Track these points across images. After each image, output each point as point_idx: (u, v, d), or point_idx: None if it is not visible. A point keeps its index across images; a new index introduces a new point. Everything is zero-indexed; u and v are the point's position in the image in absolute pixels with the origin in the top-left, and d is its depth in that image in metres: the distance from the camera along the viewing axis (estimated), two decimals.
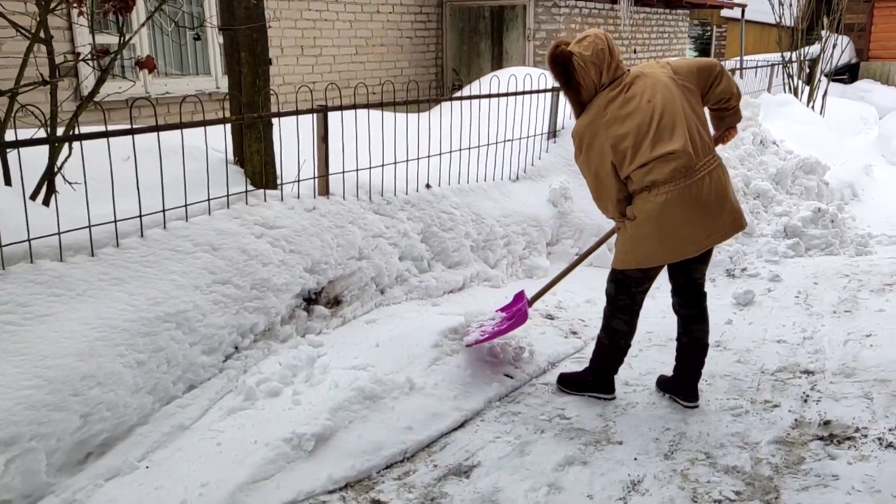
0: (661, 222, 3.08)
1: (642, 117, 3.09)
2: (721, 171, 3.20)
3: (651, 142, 3.06)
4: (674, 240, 3.11)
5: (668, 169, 3.04)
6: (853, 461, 2.94)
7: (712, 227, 3.14)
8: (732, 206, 3.20)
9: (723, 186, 3.17)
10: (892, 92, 14.60)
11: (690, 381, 3.48)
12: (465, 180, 5.41)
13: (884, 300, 4.72)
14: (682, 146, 3.05)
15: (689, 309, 3.43)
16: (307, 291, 4.07)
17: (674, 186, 3.05)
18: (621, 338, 3.45)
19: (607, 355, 3.51)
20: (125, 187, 3.51)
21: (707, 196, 3.09)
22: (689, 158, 3.06)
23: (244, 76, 4.16)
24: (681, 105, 3.14)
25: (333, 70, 8.42)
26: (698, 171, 3.09)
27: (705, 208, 3.10)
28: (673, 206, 3.06)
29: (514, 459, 3.06)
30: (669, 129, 3.07)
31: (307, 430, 3.01)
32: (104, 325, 3.02)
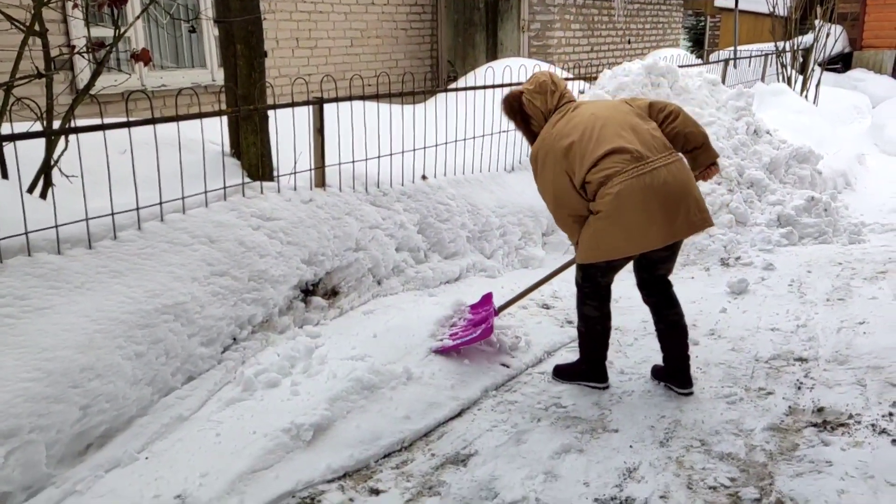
0: (621, 211, 3.12)
1: (585, 126, 3.24)
2: (682, 167, 3.25)
3: (596, 143, 3.18)
4: (636, 230, 3.14)
5: (619, 160, 3.13)
6: (847, 447, 2.97)
7: (675, 218, 3.16)
8: (698, 200, 3.24)
9: (684, 180, 3.21)
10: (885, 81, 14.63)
11: (681, 367, 3.52)
12: (461, 171, 5.43)
13: (877, 288, 4.75)
14: (627, 141, 3.17)
15: (655, 296, 3.51)
16: (305, 283, 4.09)
17: (627, 176, 3.11)
18: (596, 323, 3.50)
19: (589, 342, 3.56)
20: (122, 180, 3.52)
21: (664, 184, 3.13)
22: (637, 152, 3.15)
23: (240, 68, 4.16)
24: (625, 116, 3.28)
25: (329, 62, 8.40)
26: (653, 162, 3.16)
27: (664, 197, 3.13)
28: (629, 194, 3.11)
29: (510, 448, 3.08)
30: (612, 131, 3.20)
31: (306, 420, 3.04)
32: (103, 318, 3.04)
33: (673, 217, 3.15)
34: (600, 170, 3.14)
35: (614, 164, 3.13)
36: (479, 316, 4.00)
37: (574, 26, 9.87)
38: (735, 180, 6.13)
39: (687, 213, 3.18)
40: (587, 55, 10.12)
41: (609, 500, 2.73)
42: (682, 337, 3.50)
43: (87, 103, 3.75)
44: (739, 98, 7.06)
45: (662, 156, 3.19)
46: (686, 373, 3.52)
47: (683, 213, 3.17)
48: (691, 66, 8.44)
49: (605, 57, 10.71)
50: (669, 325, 3.49)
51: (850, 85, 14.01)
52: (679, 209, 3.16)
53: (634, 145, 3.16)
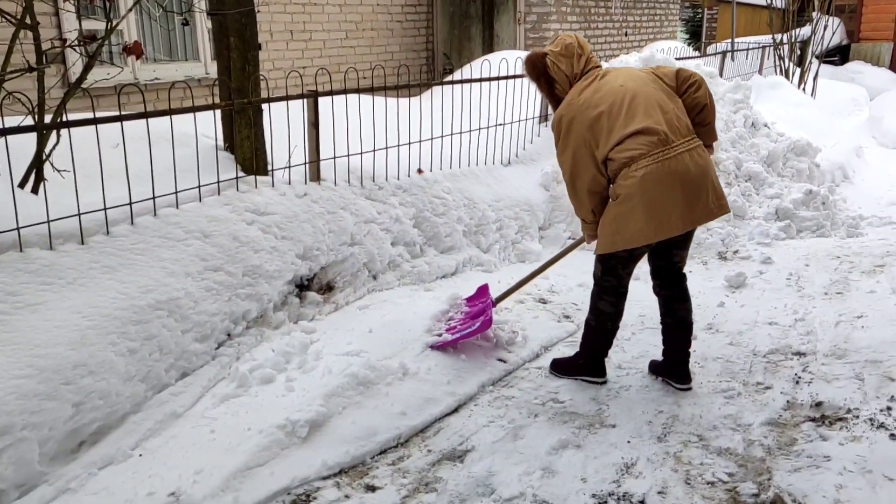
0: (644, 196, 3.08)
1: (615, 98, 3.16)
2: (702, 152, 3.21)
3: (624, 119, 3.11)
4: (658, 215, 3.10)
5: (645, 142, 3.07)
6: (845, 442, 2.96)
7: (696, 204, 3.13)
8: (716, 188, 3.22)
9: (704, 166, 3.18)
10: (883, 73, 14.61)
11: (681, 362, 3.50)
12: (457, 165, 5.39)
13: (874, 281, 4.74)
14: (655, 122, 3.10)
15: (670, 289, 3.46)
16: (299, 278, 4.06)
17: (652, 160, 3.07)
18: (608, 320, 3.45)
19: (595, 338, 3.52)
20: (114, 175, 3.48)
21: (687, 170, 3.10)
22: (664, 134, 3.10)
23: (233, 61, 4.12)
24: (654, 92, 3.20)
25: (323, 55, 8.35)
26: (677, 147, 3.11)
27: (687, 182, 3.10)
28: (653, 178, 3.07)
29: (507, 444, 3.06)
30: (643, 108, 3.13)
31: (301, 416, 3.01)
32: (95, 314, 3.01)
33: (694, 203, 3.13)
34: (625, 149, 3.09)
35: (640, 145, 3.07)
36: (477, 308, 3.97)
37: (571, 18, 9.83)
38: (733, 173, 6.11)
39: (707, 199, 3.16)
40: None
41: (607, 495, 2.71)
42: (687, 333, 3.48)
43: (79, 97, 3.71)
44: (737, 91, 7.04)
45: (686, 140, 3.15)
46: (685, 368, 3.50)
47: (703, 200, 3.15)
48: (689, 58, 8.41)
49: (602, 49, 10.68)
50: (678, 321, 3.46)
51: (847, 77, 13.99)
52: (700, 195, 3.14)
53: (662, 126, 3.10)
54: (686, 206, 3.11)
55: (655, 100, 3.17)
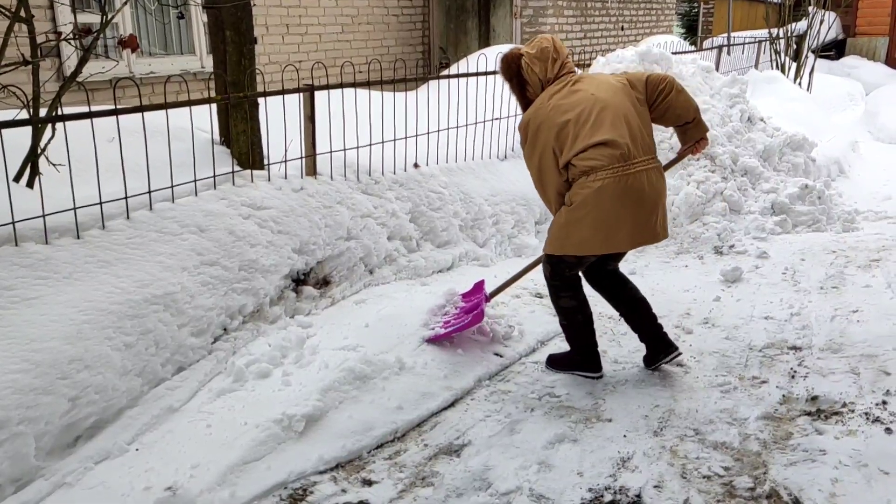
0: (596, 208, 3.11)
1: (584, 106, 3.17)
2: (659, 175, 3.25)
3: (590, 129, 3.12)
4: (607, 229, 3.13)
5: (606, 154, 3.10)
6: (840, 436, 2.97)
7: (644, 225, 3.18)
8: (664, 212, 3.27)
9: (659, 188, 3.22)
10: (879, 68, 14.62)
11: (656, 338, 3.53)
12: (454, 159, 5.39)
13: (870, 276, 4.75)
14: (620, 135, 3.12)
15: (606, 284, 3.57)
16: (296, 272, 4.05)
17: (611, 173, 3.09)
18: (576, 313, 3.47)
19: (575, 334, 3.53)
20: (110, 169, 3.47)
21: (642, 190, 3.14)
22: (627, 148, 3.12)
23: (229, 55, 4.11)
24: (623, 105, 3.21)
25: (319, 49, 8.33)
26: (637, 164, 3.13)
27: (640, 202, 3.14)
28: (609, 193, 3.10)
29: (504, 438, 3.07)
30: (609, 120, 3.14)
31: (297, 411, 3.01)
32: (91, 308, 3.00)
33: (643, 224, 3.18)
34: (587, 158, 3.11)
35: (601, 156, 3.10)
36: (471, 303, 3.97)
37: (567, 13, 9.81)
38: (729, 168, 6.12)
39: (655, 222, 3.21)
40: (580, 42, 10.07)
41: (603, 489, 2.72)
42: (645, 309, 3.51)
43: (74, 91, 3.70)
44: (733, 85, 7.04)
45: (646, 158, 3.19)
46: (664, 338, 3.52)
47: (652, 222, 3.20)
48: (685, 52, 8.40)
49: (599, 44, 10.66)
50: (629, 304, 3.51)
51: (843, 72, 14.00)
52: (650, 217, 3.19)
53: (625, 140, 3.12)
54: (634, 225, 3.16)
55: (623, 113, 3.18)
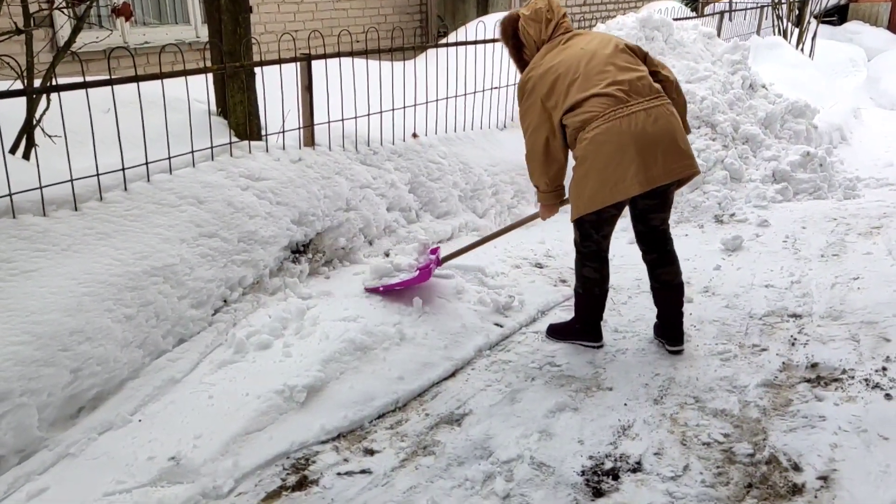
0: (596, 158, 3.05)
1: (573, 61, 3.14)
2: (664, 111, 3.11)
3: (581, 82, 3.09)
4: (612, 176, 3.04)
5: (599, 104, 3.05)
6: (840, 402, 2.98)
7: (652, 164, 3.04)
8: (678, 146, 3.11)
9: (665, 125, 3.08)
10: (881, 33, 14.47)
11: (672, 325, 3.49)
12: (452, 129, 5.34)
13: (871, 243, 4.74)
14: (611, 82, 3.06)
15: (652, 253, 3.45)
16: (295, 243, 4.04)
17: (604, 120, 3.03)
18: (594, 286, 3.44)
19: (586, 304, 3.51)
20: (106, 140, 3.44)
21: (642, 129, 3.02)
22: (621, 94, 3.05)
23: (224, 24, 4.05)
24: (615, 54, 3.16)
25: (315, 17, 8.22)
26: (632, 105, 3.05)
27: (641, 140, 3.02)
28: (603, 139, 3.03)
29: (505, 407, 3.08)
30: (598, 70, 3.10)
31: (299, 381, 3.02)
32: (91, 280, 2.99)
33: (651, 163, 3.04)
34: (581, 112, 3.07)
35: (594, 107, 3.05)
36: (423, 264, 3.91)
37: None
38: (730, 136, 6.07)
39: (666, 159, 3.06)
40: (580, 9, 9.94)
41: (604, 457, 2.73)
42: (675, 296, 3.46)
43: (69, 61, 3.65)
44: (735, 52, 6.96)
45: (645, 99, 3.08)
46: (677, 331, 3.49)
47: (662, 159, 3.05)
48: (686, 18, 8.30)
49: (599, 10, 10.53)
50: (663, 285, 3.45)
51: (845, 38, 13.85)
52: (657, 155, 3.04)
53: (618, 86, 3.05)
54: (641, 166, 3.02)
55: (613, 62, 3.12)
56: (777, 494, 2.51)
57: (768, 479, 2.59)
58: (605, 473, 2.65)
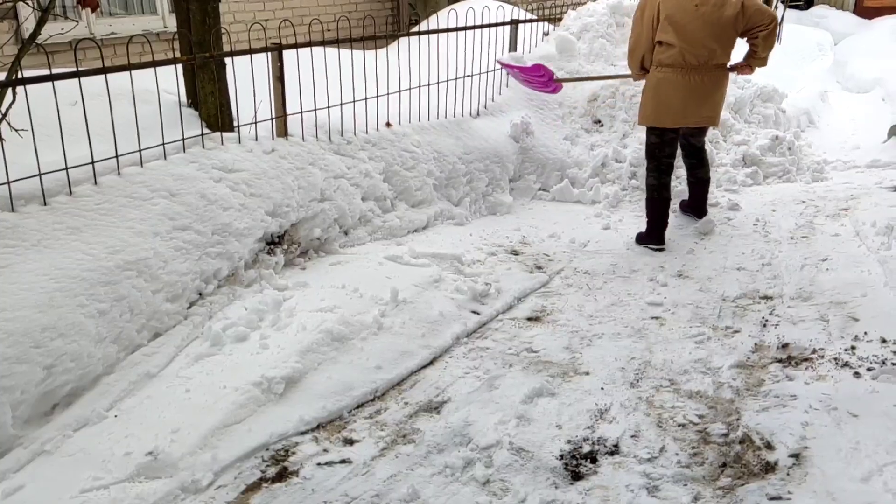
0: (656, 92, 4.51)
1: (683, 14, 4.33)
2: (714, 77, 4.46)
3: (675, 31, 4.35)
4: (660, 108, 4.49)
5: (674, 55, 4.39)
6: (810, 381, 3.05)
7: (688, 111, 4.47)
8: (713, 105, 4.52)
9: (710, 87, 4.46)
10: (847, 17, 14.63)
11: (700, 205, 5.02)
12: (426, 118, 5.33)
13: (839, 225, 4.83)
14: (685, 44, 4.34)
15: (692, 158, 4.92)
16: (270, 235, 4.02)
17: (670, 70, 4.44)
18: (654, 191, 4.65)
19: (651, 208, 4.66)
20: (75, 133, 3.39)
21: (692, 84, 4.42)
22: (687, 55, 4.36)
23: (193, 14, 3.99)
24: (715, 25, 4.31)
25: (286, 6, 8.13)
26: (693, 67, 4.39)
27: (689, 92, 4.42)
28: (666, 83, 4.47)
29: (483, 394, 3.10)
30: (690, 31, 4.33)
31: (276, 373, 3.01)
32: (62, 276, 2.95)
33: (689, 110, 4.47)
34: (662, 51, 4.43)
35: (670, 56, 4.40)
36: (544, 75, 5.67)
37: None
38: None
39: (700, 111, 4.49)
40: None
41: (581, 440, 2.77)
42: (705, 186, 5.00)
43: (34, 53, 3.58)
44: None
45: (706, 65, 4.40)
46: (703, 208, 5.00)
47: (697, 110, 4.48)
48: None
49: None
50: (697, 179, 4.96)
51: (812, 22, 13.99)
52: (695, 106, 4.46)
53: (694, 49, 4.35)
54: (681, 109, 4.46)
55: (707, 31, 4.32)
56: (750, 473, 2.56)
57: (742, 457, 2.64)
58: (583, 457, 2.69)
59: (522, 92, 6.08)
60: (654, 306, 3.87)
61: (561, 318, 3.78)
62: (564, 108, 6.12)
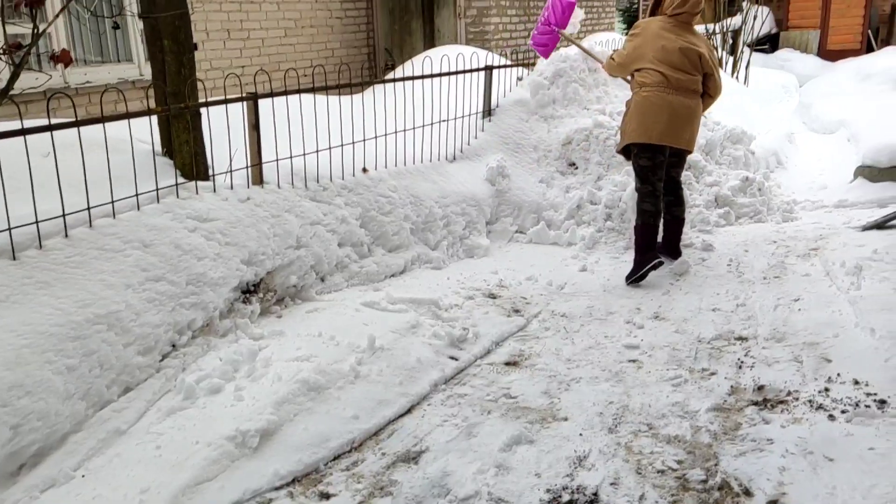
0: (640, 110, 4.76)
1: (667, 46, 4.73)
2: (693, 103, 4.79)
3: (656, 59, 4.74)
4: (644, 126, 4.73)
5: (658, 80, 4.72)
6: (786, 424, 3.05)
7: (670, 130, 4.71)
8: (691, 130, 4.82)
9: (691, 110, 4.77)
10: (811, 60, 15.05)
11: (675, 246, 5.07)
12: (402, 162, 5.37)
13: (809, 265, 4.89)
14: (666, 71, 4.71)
15: (669, 195, 5.00)
16: (245, 284, 3.99)
17: (654, 90, 4.72)
18: (649, 217, 4.80)
19: (643, 232, 4.79)
20: (46, 184, 3.36)
21: (675, 106, 4.70)
22: (674, 81, 4.70)
23: (168, 64, 4.01)
24: (689, 61, 4.73)
25: (262, 53, 8.21)
26: (674, 92, 4.70)
27: (673, 113, 4.70)
28: (651, 102, 4.72)
29: (461, 442, 3.07)
30: (670, 62, 4.72)
31: (251, 426, 2.96)
32: (30, 332, 2.90)
33: (671, 130, 4.71)
34: (647, 75, 4.76)
35: (655, 81, 4.72)
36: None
37: (510, 12, 9.87)
38: None
39: (681, 133, 4.76)
40: (524, 40, 10.13)
41: (561, 489, 2.74)
42: (680, 225, 5.10)
43: (6, 103, 3.56)
44: None
45: (685, 91, 4.74)
46: (677, 248, 5.06)
47: (679, 132, 4.74)
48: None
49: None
50: (673, 217, 5.04)
51: (777, 65, 14.36)
52: (677, 126, 4.73)
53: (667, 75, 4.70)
54: (666, 127, 4.71)
55: (683, 68, 4.72)
56: None
57: None
58: None
59: (498, 136, 6.15)
60: (631, 349, 3.88)
61: (539, 362, 3.78)
62: (539, 152, 6.20)
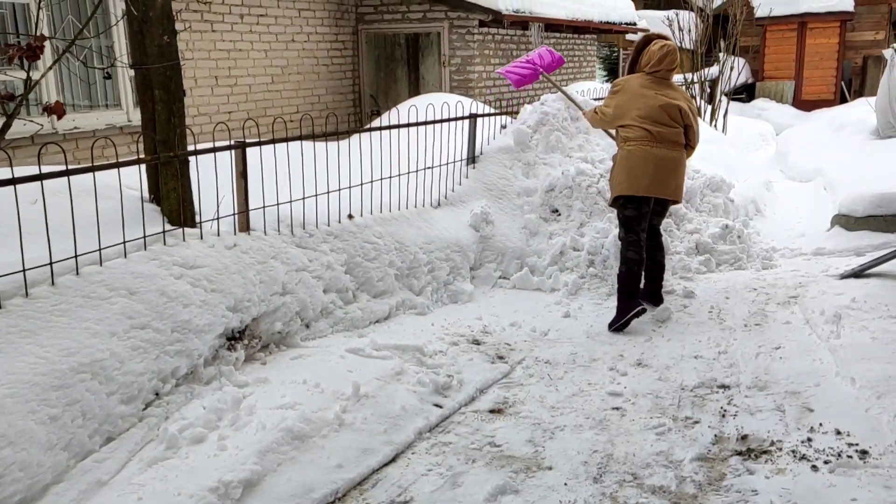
0: (627, 164, 4.89)
1: (649, 103, 4.88)
2: (678, 156, 4.93)
3: (639, 116, 4.88)
4: (632, 179, 4.85)
5: (642, 134, 4.85)
6: (770, 475, 3.07)
7: (656, 182, 4.85)
8: (678, 181, 4.99)
9: (676, 163, 4.92)
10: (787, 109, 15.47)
11: (656, 292, 5.21)
12: (388, 209, 5.42)
13: (789, 312, 4.97)
14: (649, 126, 4.85)
15: (651, 241, 5.13)
16: (230, 330, 3.99)
17: (639, 145, 4.85)
18: (634, 265, 4.91)
19: (627, 279, 4.89)
20: (34, 231, 3.37)
21: (660, 159, 4.83)
22: (657, 135, 4.83)
23: (158, 113, 4.06)
24: (669, 115, 4.87)
25: (250, 99, 8.31)
26: (658, 145, 4.83)
27: (659, 165, 4.83)
28: (636, 155, 4.85)
29: (446, 492, 3.06)
30: (652, 118, 4.86)
31: (234, 476, 2.94)
32: (13, 381, 2.88)
33: (658, 181, 4.86)
34: (631, 130, 4.90)
35: (639, 135, 4.85)
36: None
37: (494, 61, 10.08)
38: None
39: (667, 184, 4.91)
40: (508, 89, 10.33)
41: None
42: (661, 271, 5.26)
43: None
44: None
45: (670, 145, 4.86)
46: (659, 294, 5.21)
47: (665, 182, 4.89)
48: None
49: (526, 90, 10.94)
50: (655, 263, 5.18)
51: (754, 114, 14.74)
52: (664, 178, 4.87)
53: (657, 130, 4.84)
54: (653, 180, 4.84)
55: (664, 120, 4.86)
56: None
57: None
58: None
59: (482, 183, 6.24)
60: (614, 396, 3.90)
61: (523, 409, 3.78)
62: (523, 198, 6.28)
